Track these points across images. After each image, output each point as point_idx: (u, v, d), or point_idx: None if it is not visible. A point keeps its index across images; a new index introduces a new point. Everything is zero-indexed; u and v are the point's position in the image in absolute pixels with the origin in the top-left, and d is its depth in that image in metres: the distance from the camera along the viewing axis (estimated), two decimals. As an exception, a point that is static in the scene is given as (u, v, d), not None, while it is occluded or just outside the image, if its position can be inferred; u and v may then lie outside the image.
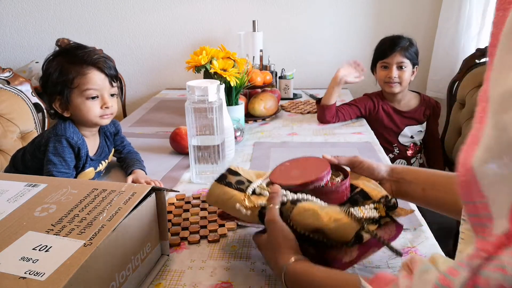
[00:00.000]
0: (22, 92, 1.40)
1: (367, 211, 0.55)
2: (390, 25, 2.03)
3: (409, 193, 0.65)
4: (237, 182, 0.64)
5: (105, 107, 0.93)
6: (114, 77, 0.95)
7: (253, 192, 0.62)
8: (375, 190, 0.62)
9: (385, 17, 2.05)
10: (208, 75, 1.29)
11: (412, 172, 0.66)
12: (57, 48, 0.97)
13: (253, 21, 1.91)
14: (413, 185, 0.64)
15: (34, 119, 1.43)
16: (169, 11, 2.16)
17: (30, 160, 0.98)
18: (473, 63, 1.68)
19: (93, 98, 0.92)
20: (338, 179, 0.64)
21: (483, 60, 1.65)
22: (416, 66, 1.52)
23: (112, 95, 0.96)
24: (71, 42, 1.06)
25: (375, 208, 0.57)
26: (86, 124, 0.96)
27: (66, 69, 0.90)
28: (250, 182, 0.64)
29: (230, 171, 0.67)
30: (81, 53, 0.92)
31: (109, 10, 2.17)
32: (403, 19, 2.03)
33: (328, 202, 0.57)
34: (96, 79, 0.91)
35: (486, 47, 1.63)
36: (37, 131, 1.42)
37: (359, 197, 0.61)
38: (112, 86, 0.95)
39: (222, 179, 0.65)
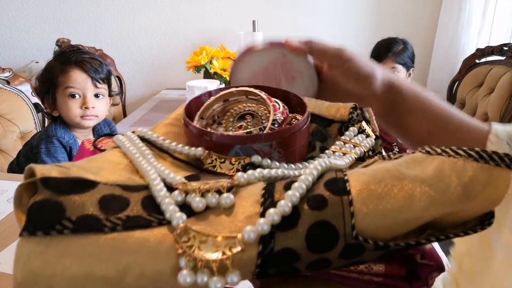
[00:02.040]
0: (22, 92, 1.40)
1: (359, 141, 0.34)
2: (390, 25, 2.03)
3: (407, 128, 0.42)
4: (106, 203, 0.23)
5: (85, 107, 0.94)
6: (100, 78, 0.96)
7: (189, 212, 0.24)
8: (321, 106, 0.38)
9: (385, 17, 2.05)
10: (208, 75, 1.30)
11: (418, 99, 0.41)
12: (57, 48, 0.99)
13: (253, 21, 1.91)
14: (416, 118, 0.41)
15: (34, 119, 1.43)
16: (169, 11, 2.16)
17: (24, 163, 0.99)
18: (473, 63, 1.68)
19: (73, 96, 0.93)
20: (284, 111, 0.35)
21: (483, 60, 1.65)
22: (412, 68, 1.54)
23: (97, 96, 0.96)
24: (71, 42, 1.07)
25: (361, 132, 0.35)
26: (72, 124, 0.97)
27: (52, 68, 0.93)
28: (134, 189, 0.25)
29: (48, 183, 0.23)
30: (69, 53, 0.94)
31: (109, 10, 2.17)
32: (403, 19, 2.03)
33: (292, 156, 0.31)
34: (77, 78, 0.92)
35: (486, 47, 1.64)
36: (37, 131, 1.42)
37: (317, 127, 0.37)
38: (96, 87, 0.95)
39: (52, 222, 0.21)
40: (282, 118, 0.32)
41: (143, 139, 0.32)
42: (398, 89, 0.41)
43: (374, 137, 0.35)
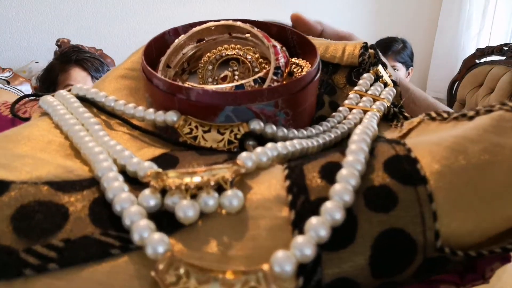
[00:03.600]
0: (22, 92, 1.40)
1: (377, 92, 0.26)
2: (390, 25, 2.03)
3: None
4: (27, 219, 0.13)
5: None
6: (100, 77, 0.97)
7: (172, 226, 0.14)
8: (322, 46, 0.30)
9: (385, 17, 2.05)
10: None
11: (426, 98, 0.37)
12: (57, 48, 1.01)
13: (253, 21, 1.91)
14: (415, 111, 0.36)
15: (34, 119, 1.43)
16: (169, 11, 2.16)
17: None
18: (473, 63, 1.68)
19: None
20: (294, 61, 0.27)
21: (483, 60, 1.65)
22: (411, 67, 1.54)
23: None
24: (71, 42, 1.08)
25: (378, 78, 0.27)
26: None
27: (53, 67, 0.93)
28: (74, 186, 0.15)
29: None
30: (70, 52, 0.94)
31: (109, 10, 2.17)
32: (403, 19, 2.03)
33: (301, 118, 0.23)
34: (76, 76, 0.93)
35: (486, 47, 1.64)
36: (37, 131, 1.42)
37: (321, 76, 0.27)
38: None
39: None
40: (284, 64, 0.23)
41: (84, 99, 0.22)
42: (405, 84, 0.38)
43: (392, 84, 0.27)
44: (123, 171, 0.16)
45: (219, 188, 0.15)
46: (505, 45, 1.55)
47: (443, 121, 0.19)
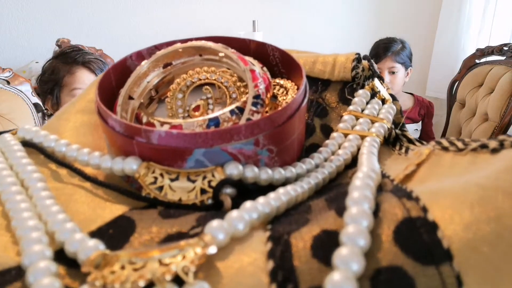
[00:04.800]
0: (22, 92, 1.40)
1: (375, 111, 0.22)
2: (391, 25, 2.03)
3: None
4: None
5: None
6: None
7: None
8: (310, 60, 0.25)
9: (385, 17, 2.05)
10: (208, 75, 1.29)
11: None
12: (57, 48, 1.00)
13: (253, 21, 1.91)
14: None
15: (34, 119, 1.43)
16: (170, 11, 2.16)
17: None
18: (473, 63, 1.68)
19: None
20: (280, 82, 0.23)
21: (483, 60, 1.65)
22: (410, 68, 1.56)
23: None
24: (71, 42, 1.08)
25: (375, 94, 0.23)
26: None
27: (57, 68, 0.93)
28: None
29: None
30: (74, 53, 0.94)
31: (109, 10, 2.17)
32: (403, 19, 2.03)
33: (288, 152, 0.19)
34: (84, 78, 0.93)
35: (486, 47, 1.64)
36: (37, 131, 1.42)
37: (315, 96, 0.25)
38: None
39: None
40: (265, 90, 0.20)
41: (30, 145, 0.18)
42: None
43: (391, 100, 0.23)
44: (64, 252, 0.12)
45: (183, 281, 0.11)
46: (505, 45, 1.55)
47: (459, 152, 0.15)
